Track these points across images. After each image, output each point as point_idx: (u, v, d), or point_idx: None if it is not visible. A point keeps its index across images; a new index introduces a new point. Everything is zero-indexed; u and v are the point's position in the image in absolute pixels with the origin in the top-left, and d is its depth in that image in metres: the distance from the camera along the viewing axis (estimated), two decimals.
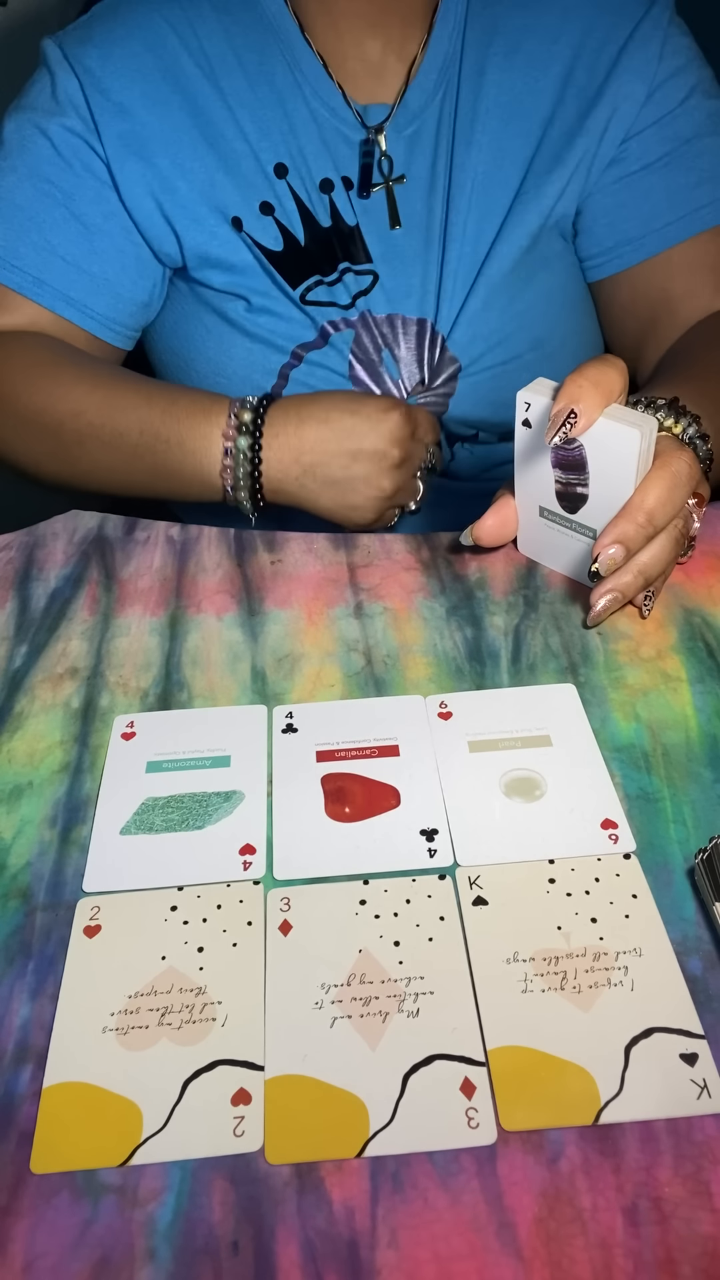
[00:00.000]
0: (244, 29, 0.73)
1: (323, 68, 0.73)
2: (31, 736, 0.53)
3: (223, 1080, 0.38)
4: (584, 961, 0.41)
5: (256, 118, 0.73)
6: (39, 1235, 0.34)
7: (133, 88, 0.71)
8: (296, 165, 0.73)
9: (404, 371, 0.77)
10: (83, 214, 0.72)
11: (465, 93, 0.74)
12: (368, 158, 0.74)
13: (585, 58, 0.74)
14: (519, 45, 0.74)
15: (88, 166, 0.72)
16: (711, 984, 0.40)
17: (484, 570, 0.63)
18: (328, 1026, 0.39)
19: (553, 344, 0.79)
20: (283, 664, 0.57)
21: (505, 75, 0.74)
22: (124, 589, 0.63)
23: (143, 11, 0.72)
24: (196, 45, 0.72)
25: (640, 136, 0.74)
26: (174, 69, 0.72)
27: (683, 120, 0.74)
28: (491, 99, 0.74)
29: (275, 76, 0.73)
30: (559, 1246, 0.33)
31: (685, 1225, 0.34)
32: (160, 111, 0.71)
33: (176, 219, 0.73)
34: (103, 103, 0.71)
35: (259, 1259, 0.33)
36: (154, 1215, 0.35)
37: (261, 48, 0.73)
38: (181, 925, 0.43)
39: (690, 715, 0.52)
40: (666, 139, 0.74)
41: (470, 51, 0.74)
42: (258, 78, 0.73)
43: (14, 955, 0.43)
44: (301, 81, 0.73)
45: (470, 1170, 0.35)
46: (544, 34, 0.74)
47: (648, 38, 0.73)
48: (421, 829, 0.47)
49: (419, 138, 0.75)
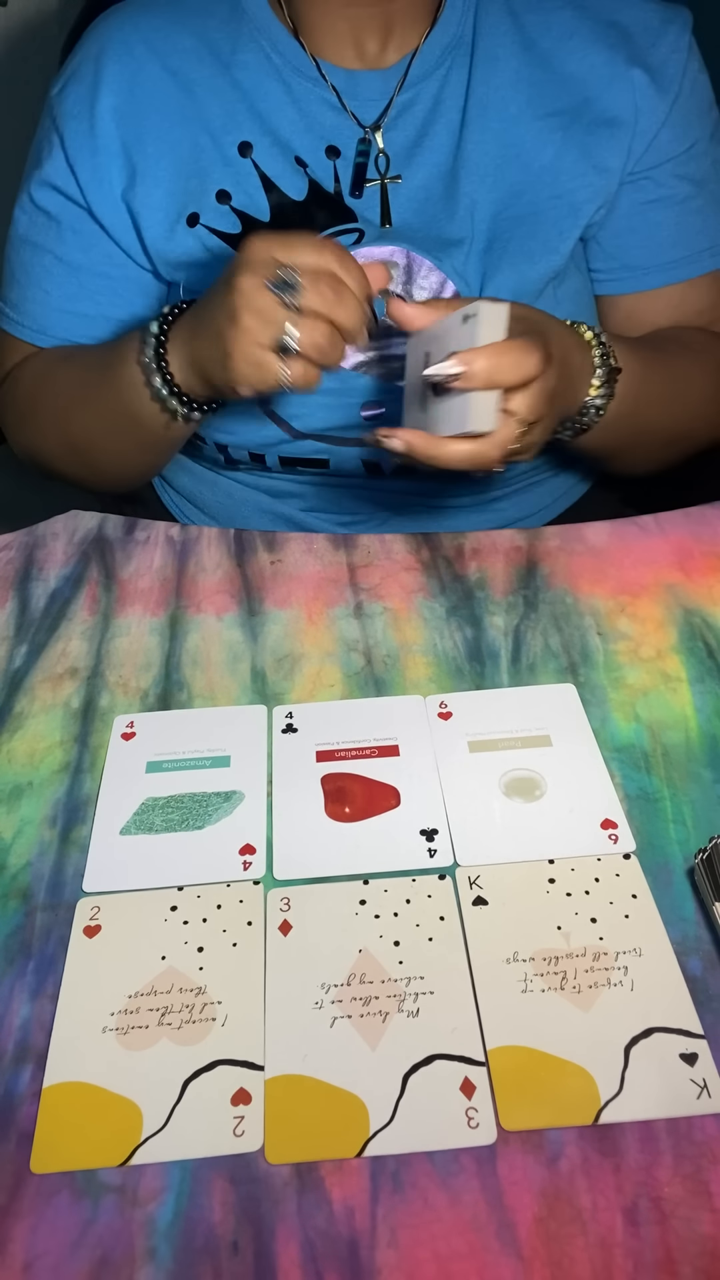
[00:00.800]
0: (220, 22, 0.75)
1: (300, 47, 0.73)
2: (31, 736, 0.53)
3: (223, 1080, 0.38)
4: (584, 961, 0.41)
5: (223, 100, 0.73)
6: (39, 1235, 0.34)
7: (106, 114, 0.73)
8: (264, 142, 0.74)
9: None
10: (67, 257, 0.77)
11: (478, 75, 0.74)
12: (363, 156, 0.74)
13: (602, 65, 0.73)
14: (535, 41, 0.74)
15: (62, 208, 0.76)
16: (711, 984, 0.40)
17: (484, 570, 0.63)
18: (328, 1026, 0.39)
19: None
20: (283, 664, 0.57)
21: (523, 65, 0.74)
22: (124, 589, 0.63)
23: (115, 26, 0.75)
24: (169, 48, 0.74)
25: (663, 167, 0.74)
26: (146, 83, 0.73)
27: (703, 159, 0.75)
28: (509, 87, 0.74)
29: (249, 59, 0.74)
30: (559, 1246, 0.33)
31: (685, 1225, 0.34)
32: (131, 126, 0.73)
33: (143, 227, 0.75)
34: (75, 136, 0.74)
35: (259, 1258, 0.33)
36: (154, 1215, 0.35)
37: (235, 35, 0.74)
38: (181, 925, 0.43)
39: (690, 715, 0.52)
40: (684, 176, 0.75)
41: (483, 39, 0.74)
42: (231, 62, 0.74)
43: (14, 955, 0.43)
44: (281, 64, 0.74)
45: (470, 1170, 0.35)
46: (560, 30, 0.74)
47: (666, 60, 0.73)
48: (421, 829, 0.47)
49: (413, 105, 0.74)
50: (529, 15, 0.74)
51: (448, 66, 0.74)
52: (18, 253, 0.79)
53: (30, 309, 0.79)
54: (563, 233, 0.74)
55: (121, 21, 0.75)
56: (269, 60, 0.73)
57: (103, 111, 0.73)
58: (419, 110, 0.74)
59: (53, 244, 0.77)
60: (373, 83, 0.74)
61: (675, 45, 0.73)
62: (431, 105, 0.74)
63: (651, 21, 0.74)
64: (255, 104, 0.73)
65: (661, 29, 0.73)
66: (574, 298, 0.77)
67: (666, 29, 0.73)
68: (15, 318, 0.80)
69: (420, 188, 0.74)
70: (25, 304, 0.79)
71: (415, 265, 0.73)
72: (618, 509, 0.84)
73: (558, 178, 0.74)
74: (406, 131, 0.74)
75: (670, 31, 0.73)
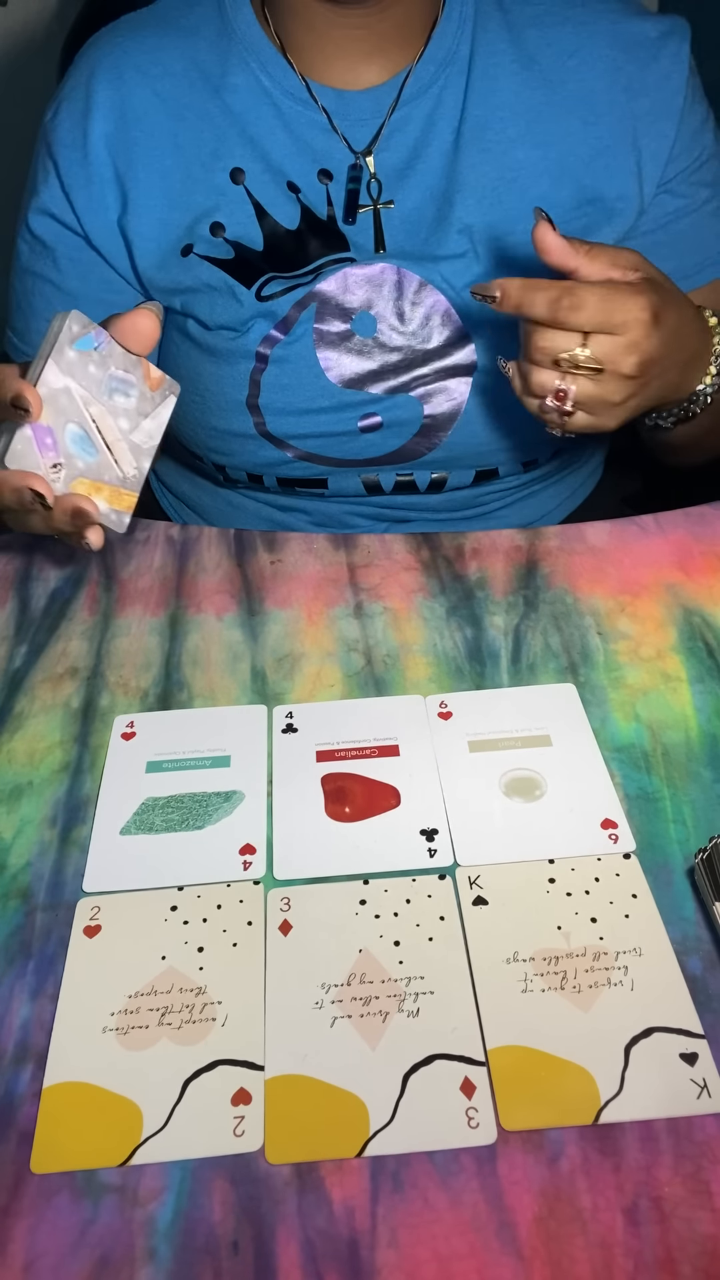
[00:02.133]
0: (209, 43, 0.73)
1: (290, 67, 0.72)
2: (31, 736, 0.53)
3: (223, 1080, 0.38)
4: (584, 961, 0.41)
5: (214, 126, 0.72)
6: (39, 1235, 0.34)
7: (98, 142, 0.73)
8: (256, 168, 0.73)
9: (383, 327, 0.73)
10: (65, 285, 0.77)
11: (475, 95, 0.72)
12: (354, 183, 0.73)
13: (603, 92, 0.72)
14: (535, 58, 0.72)
15: (59, 237, 0.76)
16: (711, 984, 0.40)
17: (484, 570, 0.63)
18: (328, 1026, 0.39)
19: None
20: (283, 664, 0.57)
21: (523, 86, 0.72)
22: (124, 589, 0.63)
23: (105, 51, 0.74)
24: (159, 72, 0.73)
25: (679, 179, 0.74)
26: (137, 109, 0.73)
27: (708, 170, 0.75)
28: (508, 108, 0.72)
29: (239, 81, 0.73)
30: (559, 1246, 0.33)
31: (685, 1225, 0.34)
32: (123, 154, 0.73)
33: (136, 255, 0.75)
34: (70, 164, 0.74)
35: (259, 1258, 0.33)
36: (154, 1215, 0.35)
37: (225, 56, 0.73)
38: (181, 925, 0.43)
39: (690, 715, 0.52)
40: (700, 182, 0.74)
41: (481, 57, 0.72)
42: (221, 85, 0.73)
43: (14, 955, 0.43)
44: (271, 86, 0.73)
45: (470, 1170, 0.35)
46: (561, 47, 0.72)
47: (668, 73, 0.72)
48: (421, 829, 0.47)
49: (406, 125, 0.73)
50: (529, 31, 0.73)
51: (441, 85, 0.72)
52: (21, 282, 0.79)
53: (33, 338, 0.79)
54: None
55: (111, 46, 0.74)
56: (259, 82, 0.72)
57: (95, 139, 0.73)
58: (412, 130, 0.73)
59: (50, 273, 0.77)
60: (364, 103, 0.72)
61: (675, 62, 0.72)
62: (424, 125, 0.73)
63: (650, 36, 0.72)
64: (247, 128, 0.72)
65: (660, 43, 0.72)
66: None
67: (665, 43, 0.72)
68: (22, 347, 0.80)
69: (413, 209, 0.73)
70: (30, 334, 0.79)
71: (407, 282, 0.72)
72: (618, 509, 0.84)
73: (552, 209, 0.72)
74: (399, 152, 0.73)
75: (669, 45, 0.72)
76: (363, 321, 0.73)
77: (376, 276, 0.73)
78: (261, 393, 0.74)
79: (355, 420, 0.75)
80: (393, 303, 0.73)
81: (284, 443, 0.76)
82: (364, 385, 0.74)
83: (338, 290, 0.73)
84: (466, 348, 0.73)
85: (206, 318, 0.75)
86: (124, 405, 0.57)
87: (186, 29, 0.74)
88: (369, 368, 0.74)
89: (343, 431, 0.75)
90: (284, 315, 0.73)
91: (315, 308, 0.73)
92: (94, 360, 0.55)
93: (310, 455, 0.77)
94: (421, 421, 0.75)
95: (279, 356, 0.73)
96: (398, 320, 0.73)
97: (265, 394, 0.74)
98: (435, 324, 0.73)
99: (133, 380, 0.57)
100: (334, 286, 0.73)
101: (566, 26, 0.72)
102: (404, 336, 0.73)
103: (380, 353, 0.74)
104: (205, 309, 0.75)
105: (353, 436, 0.76)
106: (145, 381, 0.58)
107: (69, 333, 0.54)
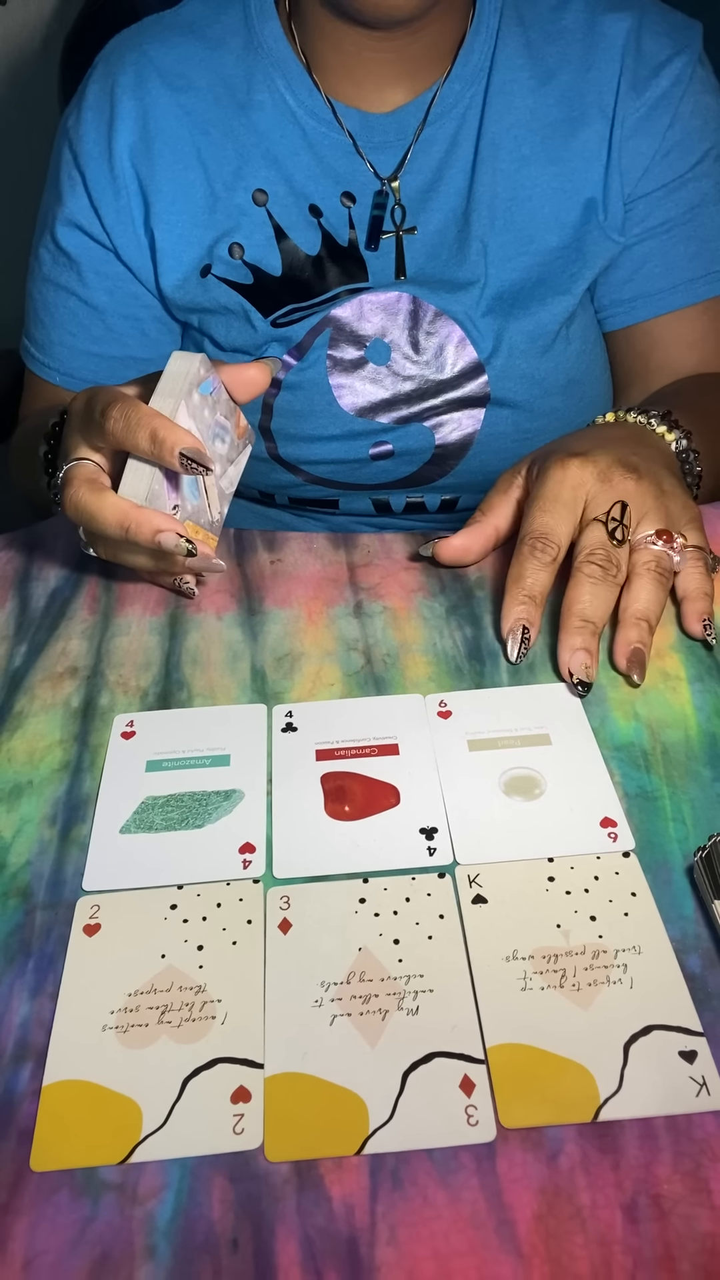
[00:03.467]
0: (237, 56, 0.72)
1: (315, 86, 0.71)
2: (31, 736, 0.53)
3: (222, 1078, 0.38)
4: (583, 959, 0.41)
5: (239, 144, 0.71)
6: (39, 1233, 0.34)
7: (123, 153, 0.72)
8: (279, 190, 0.71)
9: (397, 355, 0.73)
10: (91, 299, 0.76)
11: (492, 111, 0.71)
12: (379, 209, 0.72)
13: (615, 97, 0.71)
14: (554, 74, 0.71)
15: (85, 250, 0.74)
16: (710, 982, 0.40)
17: (484, 569, 0.63)
18: (327, 1024, 0.39)
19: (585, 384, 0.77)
20: (282, 663, 0.57)
21: (540, 102, 0.71)
22: (124, 588, 0.63)
23: (131, 59, 0.72)
24: (184, 85, 0.71)
25: (648, 199, 0.72)
26: (160, 121, 0.71)
27: (691, 186, 0.73)
28: (523, 126, 0.71)
29: (265, 99, 0.71)
30: (558, 1243, 0.33)
31: (684, 1222, 0.34)
32: (146, 167, 0.72)
33: (160, 271, 0.74)
34: (97, 176, 0.73)
35: (258, 1256, 0.33)
36: (154, 1213, 0.35)
37: (251, 71, 0.72)
38: (181, 924, 0.43)
39: (689, 714, 0.52)
40: (672, 204, 0.73)
41: (499, 74, 0.71)
42: (248, 102, 0.71)
43: (14, 954, 0.43)
44: (295, 105, 0.71)
45: (470, 1167, 0.35)
46: (579, 63, 0.71)
47: (665, 92, 0.71)
48: (421, 827, 0.47)
49: (430, 147, 0.72)
50: (548, 47, 0.71)
51: (466, 103, 0.71)
52: (41, 292, 0.78)
53: (56, 351, 0.78)
54: (574, 275, 0.72)
55: (137, 56, 0.72)
56: (284, 101, 0.71)
57: (120, 150, 0.71)
58: (436, 152, 0.72)
59: (75, 286, 0.75)
60: (389, 126, 0.71)
61: (679, 77, 0.71)
62: (448, 146, 0.72)
63: (662, 52, 0.71)
64: (271, 148, 0.71)
65: (668, 61, 0.71)
66: (583, 334, 0.75)
67: (673, 61, 0.71)
68: (42, 359, 0.79)
69: (435, 233, 0.72)
70: (51, 346, 0.78)
71: (422, 312, 0.71)
72: None
73: (562, 229, 0.72)
74: (423, 174, 0.72)
75: (677, 63, 0.71)
76: (377, 349, 0.72)
77: (392, 304, 0.72)
78: (274, 417, 0.74)
79: (366, 448, 0.74)
80: (407, 331, 0.72)
81: (295, 468, 0.76)
82: (376, 414, 0.73)
83: (352, 317, 0.72)
84: (480, 379, 0.72)
85: (222, 339, 0.75)
86: (220, 451, 0.57)
87: (213, 40, 0.72)
88: (382, 396, 0.73)
89: (354, 459, 0.75)
90: (299, 341, 0.72)
91: (329, 334, 0.72)
92: (208, 404, 0.55)
93: (321, 480, 0.76)
94: (433, 451, 0.75)
95: (292, 382, 0.73)
96: (412, 349, 0.72)
97: (278, 419, 0.74)
98: (449, 354, 0.72)
99: (228, 427, 0.57)
100: (349, 313, 0.72)
101: (585, 42, 0.71)
102: (418, 366, 0.73)
103: (393, 381, 0.73)
104: (221, 331, 0.74)
105: (364, 464, 0.75)
106: (235, 429, 0.58)
107: (197, 376, 0.53)
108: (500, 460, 0.74)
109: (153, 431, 0.50)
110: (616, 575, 0.54)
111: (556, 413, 0.74)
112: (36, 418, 0.77)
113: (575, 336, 0.74)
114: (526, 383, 0.73)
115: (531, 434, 0.74)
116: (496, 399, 0.73)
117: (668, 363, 0.76)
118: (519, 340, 0.71)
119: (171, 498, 0.54)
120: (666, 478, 0.57)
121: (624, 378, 0.79)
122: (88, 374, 0.77)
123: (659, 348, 0.76)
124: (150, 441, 0.50)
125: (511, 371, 0.72)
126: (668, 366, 0.76)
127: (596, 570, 0.54)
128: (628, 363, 0.78)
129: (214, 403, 0.55)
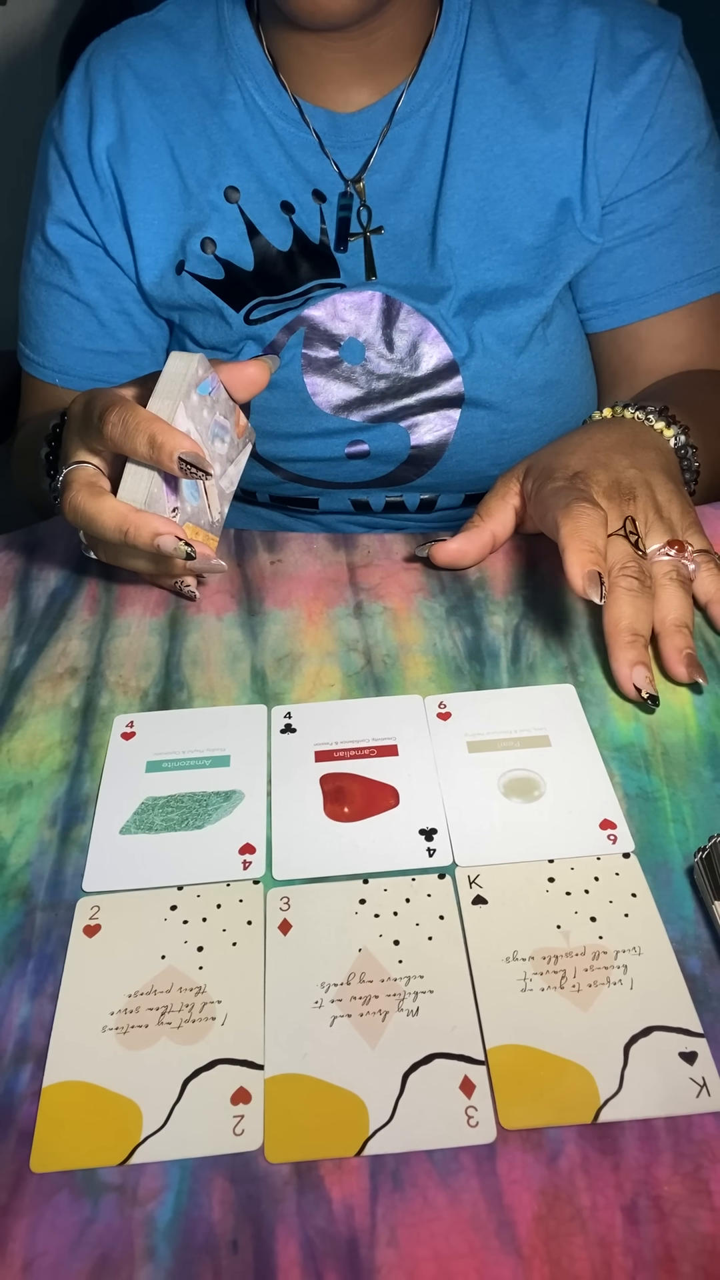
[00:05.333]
0: (209, 58, 0.73)
1: (282, 87, 0.71)
2: (31, 736, 0.53)
3: (222, 1079, 0.38)
4: (583, 960, 0.41)
5: (212, 143, 0.72)
6: (39, 1234, 0.34)
7: (101, 153, 0.73)
8: (251, 187, 0.72)
9: (371, 354, 0.72)
10: (83, 295, 0.76)
11: (462, 112, 0.70)
12: (345, 210, 0.72)
13: (589, 95, 0.69)
14: (524, 72, 0.70)
15: (75, 247, 0.75)
16: (710, 983, 0.40)
17: (484, 570, 0.63)
18: (327, 1025, 0.39)
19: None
20: (282, 664, 0.57)
21: (511, 100, 0.70)
22: (124, 589, 0.63)
23: (109, 62, 0.74)
24: (160, 86, 0.72)
25: (628, 200, 0.71)
26: (136, 121, 0.73)
27: (672, 189, 0.71)
28: (494, 125, 0.70)
29: (236, 98, 0.72)
30: (558, 1245, 0.33)
31: (684, 1223, 0.34)
32: (123, 166, 0.73)
33: (141, 266, 0.75)
34: (82, 175, 0.74)
35: (258, 1257, 0.33)
36: (154, 1214, 0.35)
37: (224, 72, 0.72)
38: (181, 925, 0.43)
39: (689, 715, 0.52)
40: (654, 207, 0.71)
41: (470, 72, 0.70)
42: (220, 102, 0.72)
43: (14, 955, 0.43)
44: (265, 105, 0.72)
45: (470, 1169, 0.35)
46: (551, 59, 0.70)
47: (643, 90, 0.69)
48: (421, 828, 0.47)
49: (399, 147, 0.71)
50: (519, 44, 0.70)
51: (434, 103, 0.71)
52: (34, 294, 0.78)
53: (50, 350, 0.78)
54: (548, 277, 0.71)
55: (115, 59, 0.73)
56: (254, 101, 0.72)
57: (98, 150, 0.73)
58: (405, 152, 0.71)
59: (66, 283, 0.76)
60: (355, 126, 0.71)
61: (657, 73, 0.70)
62: (417, 146, 0.71)
63: (639, 47, 0.69)
64: (243, 146, 0.72)
65: (645, 56, 0.69)
66: (563, 335, 0.74)
67: (651, 57, 0.69)
68: (36, 359, 0.79)
69: (405, 234, 0.72)
70: (45, 345, 0.79)
71: (395, 309, 0.71)
72: None
73: (536, 229, 0.71)
74: (391, 174, 0.71)
75: (654, 58, 0.69)
76: (351, 348, 0.72)
77: (365, 304, 0.72)
78: (251, 415, 0.74)
79: (342, 446, 0.75)
80: (381, 330, 0.72)
81: (274, 465, 0.76)
82: (350, 411, 0.73)
83: (326, 316, 0.72)
84: (454, 379, 0.72)
85: (200, 337, 0.75)
86: (219, 451, 0.57)
87: (188, 43, 0.73)
88: (356, 394, 0.73)
89: (330, 457, 0.75)
90: (271, 339, 0.73)
91: (304, 333, 0.72)
92: (207, 405, 0.55)
93: (299, 478, 0.77)
94: (409, 452, 0.75)
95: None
96: (385, 347, 0.72)
97: (254, 417, 0.74)
98: (423, 351, 0.72)
99: (228, 426, 0.57)
100: (322, 313, 0.72)
101: (556, 38, 0.70)
102: (391, 364, 0.73)
103: (368, 380, 0.73)
104: (199, 328, 0.75)
105: (340, 462, 0.75)
106: (235, 428, 0.58)
107: (195, 377, 0.53)
108: (477, 461, 0.75)
109: (151, 436, 0.50)
110: (649, 585, 0.54)
111: (534, 413, 0.74)
112: (36, 421, 0.77)
113: (554, 337, 0.74)
114: (502, 384, 0.72)
115: (508, 434, 0.74)
116: (471, 399, 0.72)
117: (654, 365, 0.76)
118: (491, 341, 0.71)
119: (171, 500, 0.54)
120: (661, 486, 0.57)
121: (610, 379, 0.79)
122: (82, 370, 0.78)
123: (645, 350, 0.76)
124: (149, 446, 0.50)
125: (486, 372, 0.72)
126: (654, 369, 0.76)
127: (634, 584, 0.53)
128: (614, 365, 0.77)
129: (213, 403, 0.55)
